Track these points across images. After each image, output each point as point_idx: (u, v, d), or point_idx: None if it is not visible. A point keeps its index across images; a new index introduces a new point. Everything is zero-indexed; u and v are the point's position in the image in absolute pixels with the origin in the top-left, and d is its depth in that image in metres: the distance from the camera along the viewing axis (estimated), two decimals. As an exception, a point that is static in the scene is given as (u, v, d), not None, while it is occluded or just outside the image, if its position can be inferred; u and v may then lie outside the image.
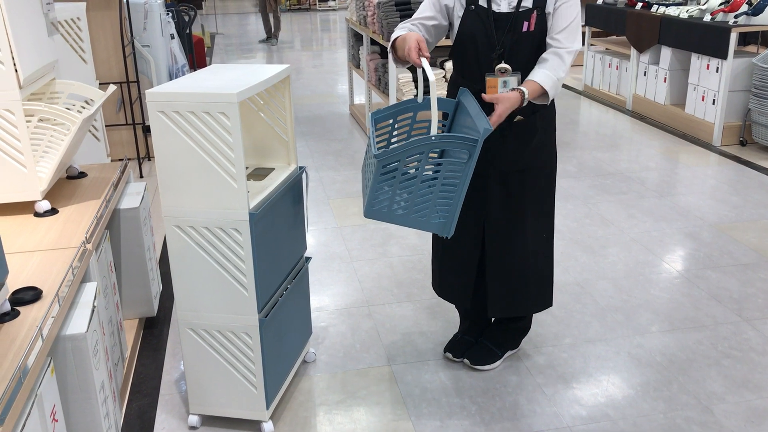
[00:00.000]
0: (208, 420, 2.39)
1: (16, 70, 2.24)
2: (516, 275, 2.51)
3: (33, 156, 2.34)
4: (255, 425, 2.35)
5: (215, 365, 2.26)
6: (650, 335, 2.88)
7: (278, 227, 2.29)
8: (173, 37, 5.87)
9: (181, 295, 2.20)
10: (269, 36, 12.09)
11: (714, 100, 5.43)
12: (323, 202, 4.42)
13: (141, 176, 5.01)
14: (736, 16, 5.23)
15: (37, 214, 2.38)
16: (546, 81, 2.22)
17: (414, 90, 5.07)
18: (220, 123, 1.96)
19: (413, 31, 2.30)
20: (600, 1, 7.35)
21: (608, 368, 2.66)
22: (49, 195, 2.51)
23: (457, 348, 2.73)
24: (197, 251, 2.13)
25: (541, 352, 2.77)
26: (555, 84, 2.23)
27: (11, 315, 1.71)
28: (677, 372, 2.63)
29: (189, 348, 2.26)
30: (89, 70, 3.50)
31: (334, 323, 3.01)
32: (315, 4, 18.07)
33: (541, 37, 2.28)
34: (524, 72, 2.25)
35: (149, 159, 5.35)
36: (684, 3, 6.35)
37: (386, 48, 4.42)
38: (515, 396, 2.51)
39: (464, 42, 2.34)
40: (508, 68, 2.23)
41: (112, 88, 2.71)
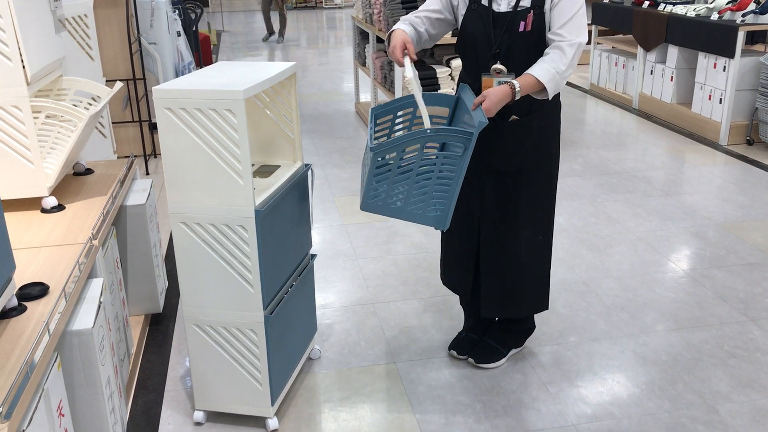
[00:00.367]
0: (214, 416, 2.40)
1: (24, 67, 2.25)
2: (509, 275, 2.51)
3: (40, 152, 2.35)
4: (260, 421, 2.36)
5: (221, 361, 2.27)
6: (656, 334, 2.87)
7: (284, 224, 2.30)
8: (180, 35, 5.88)
9: (187, 292, 2.21)
10: (271, 33, 12.06)
11: (721, 99, 5.42)
12: (328, 200, 4.43)
13: (147, 173, 5.03)
14: (744, 15, 5.21)
15: (44, 210, 2.39)
16: (543, 74, 2.15)
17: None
18: (227, 120, 1.97)
19: (415, 24, 2.35)
20: (606, 0, 7.33)
21: (613, 367, 2.66)
22: (56, 191, 2.52)
23: (462, 345, 2.73)
24: (203, 248, 2.13)
25: (546, 351, 2.77)
26: (554, 77, 2.16)
27: (18, 310, 1.72)
28: (682, 371, 2.63)
29: (194, 344, 2.27)
30: (96, 67, 3.51)
31: (339, 320, 3.02)
32: (321, 2, 18.06)
33: (539, 38, 2.23)
34: (520, 73, 2.22)
35: (155, 156, 5.37)
36: (691, 1, 6.32)
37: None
38: (520, 394, 2.51)
39: (465, 40, 2.35)
40: (504, 69, 2.20)
41: (119, 85, 2.72)
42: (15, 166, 2.32)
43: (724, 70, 5.34)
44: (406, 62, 2.16)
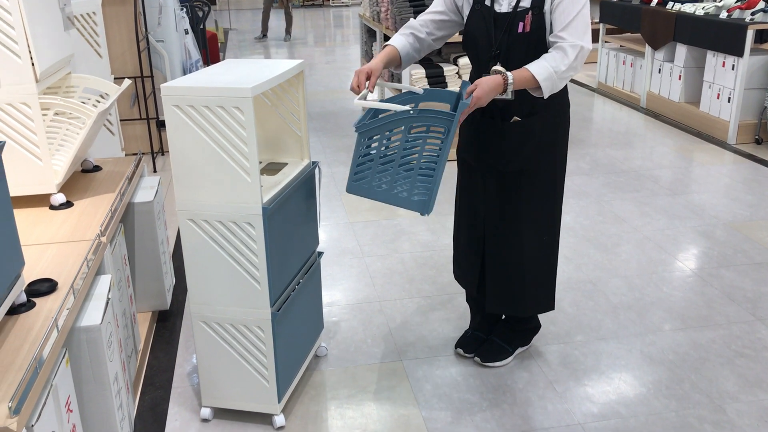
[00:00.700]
0: (220, 413, 2.40)
1: (33, 64, 2.26)
2: (512, 275, 2.51)
3: (49, 149, 2.36)
4: (267, 418, 2.36)
5: (228, 358, 2.28)
6: (663, 333, 2.86)
7: (291, 222, 2.30)
8: (187, 33, 5.89)
9: (195, 289, 2.21)
10: (264, 35, 11.99)
11: (729, 98, 5.39)
12: (335, 198, 4.43)
13: (155, 171, 5.04)
14: (753, 14, 5.18)
15: (53, 207, 2.40)
16: (540, 71, 2.13)
17: (427, 86, 5.06)
18: (234, 117, 1.97)
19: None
20: (615, -2, 7.31)
21: (620, 366, 2.66)
22: (65, 188, 2.53)
23: (469, 344, 2.73)
24: (211, 245, 2.14)
25: (553, 349, 2.77)
26: (550, 76, 2.13)
27: (27, 306, 1.73)
28: (690, 370, 2.62)
29: (202, 341, 2.28)
30: (104, 65, 3.52)
31: (346, 318, 3.02)
32: (328, 0, 18.07)
33: (539, 39, 2.21)
34: None
35: (163, 154, 5.38)
36: (700, 0, 6.30)
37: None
38: (526, 392, 2.51)
39: (468, 41, 2.36)
40: (502, 70, 2.20)
41: (127, 83, 2.73)
42: (24, 163, 2.33)
43: (733, 69, 5.32)
44: (363, 94, 2.20)
